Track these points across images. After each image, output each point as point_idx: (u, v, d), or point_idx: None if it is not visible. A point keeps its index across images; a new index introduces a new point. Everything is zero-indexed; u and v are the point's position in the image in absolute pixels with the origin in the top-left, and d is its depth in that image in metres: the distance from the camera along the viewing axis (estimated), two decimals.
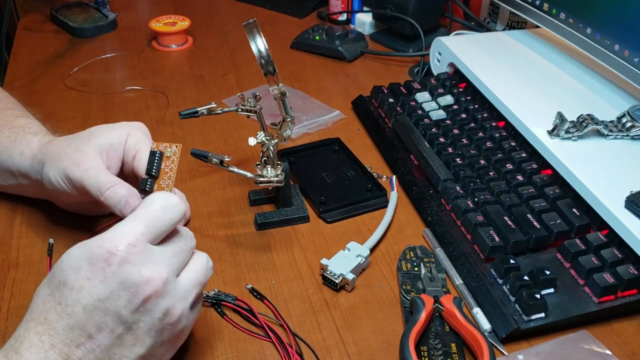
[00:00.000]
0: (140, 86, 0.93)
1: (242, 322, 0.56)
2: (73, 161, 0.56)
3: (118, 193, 0.54)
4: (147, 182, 0.54)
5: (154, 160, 0.55)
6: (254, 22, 0.56)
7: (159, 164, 0.55)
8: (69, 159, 0.56)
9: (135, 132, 0.59)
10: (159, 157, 0.55)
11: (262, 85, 0.92)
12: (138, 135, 0.59)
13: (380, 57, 1.04)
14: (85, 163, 0.56)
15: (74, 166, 0.56)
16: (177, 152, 0.56)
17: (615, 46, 0.73)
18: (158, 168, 0.55)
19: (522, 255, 0.61)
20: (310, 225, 0.68)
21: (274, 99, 0.59)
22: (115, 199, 0.54)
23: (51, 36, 1.08)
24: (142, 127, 0.60)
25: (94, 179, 0.55)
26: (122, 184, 0.55)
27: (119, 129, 0.59)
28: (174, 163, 0.55)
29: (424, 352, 0.53)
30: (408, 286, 0.59)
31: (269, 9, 1.20)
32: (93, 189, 0.55)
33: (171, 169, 0.55)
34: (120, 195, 0.54)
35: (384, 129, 0.81)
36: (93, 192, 0.55)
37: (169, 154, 0.55)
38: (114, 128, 0.59)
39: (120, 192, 0.54)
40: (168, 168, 0.55)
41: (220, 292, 0.58)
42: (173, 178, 0.55)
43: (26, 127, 0.64)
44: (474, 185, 0.68)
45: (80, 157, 0.56)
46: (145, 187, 0.54)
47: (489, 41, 0.90)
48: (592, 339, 0.54)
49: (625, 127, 0.68)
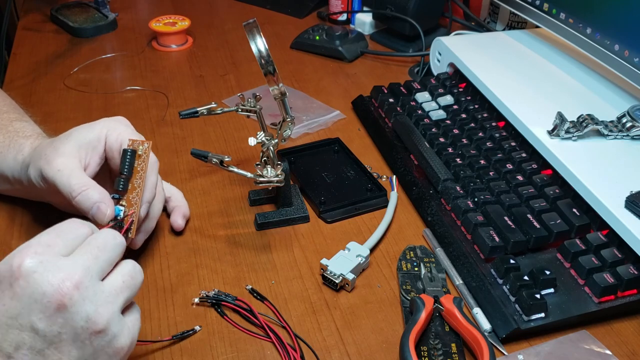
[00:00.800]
0: (140, 86, 0.93)
1: (242, 322, 0.56)
2: (47, 160, 0.55)
3: (90, 198, 0.53)
4: (120, 181, 0.54)
5: (125, 159, 0.55)
6: (254, 22, 0.56)
7: (131, 162, 0.55)
8: (46, 157, 0.55)
9: (116, 126, 0.58)
10: (130, 155, 0.55)
11: (262, 85, 0.92)
12: (119, 129, 0.58)
13: (380, 57, 1.04)
14: (58, 162, 0.54)
15: (48, 165, 0.55)
16: (148, 149, 0.55)
17: (615, 46, 0.73)
18: (130, 167, 0.54)
19: (522, 255, 0.61)
20: (310, 225, 0.68)
21: (274, 99, 0.59)
22: (87, 204, 0.53)
23: (51, 36, 1.08)
24: (122, 120, 0.59)
25: (66, 180, 0.54)
26: (94, 188, 0.54)
27: (98, 126, 0.58)
28: (145, 162, 0.55)
29: (424, 352, 0.53)
30: (408, 286, 0.59)
31: (269, 9, 1.20)
32: (65, 191, 0.54)
33: (142, 167, 0.55)
34: (92, 201, 0.53)
35: (384, 129, 0.81)
36: (65, 195, 0.54)
37: (140, 151, 0.55)
38: (93, 125, 0.58)
39: (93, 197, 0.53)
40: (139, 167, 0.55)
41: (220, 292, 0.58)
42: (144, 175, 0.55)
43: (20, 131, 0.63)
44: (474, 185, 0.68)
45: (55, 156, 0.55)
46: (119, 187, 0.54)
47: (489, 41, 0.90)
48: (592, 339, 0.54)
49: (625, 127, 0.68)
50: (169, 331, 0.55)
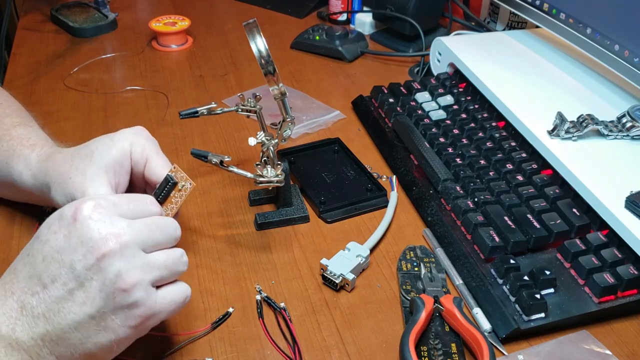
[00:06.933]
0: (140, 86, 0.93)
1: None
2: (79, 189, 0.54)
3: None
4: None
5: (165, 186, 0.54)
6: (254, 22, 0.56)
7: (168, 191, 0.54)
8: (74, 184, 0.54)
9: (138, 140, 0.57)
10: (170, 185, 0.54)
11: (262, 85, 0.92)
12: (142, 143, 0.57)
13: (380, 57, 1.04)
14: (92, 189, 0.53)
15: (81, 194, 0.53)
16: (189, 189, 0.54)
17: (615, 46, 0.73)
18: (166, 195, 0.54)
19: (522, 255, 0.61)
20: (310, 225, 0.68)
21: (274, 99, 0.59)
22: None
23: (51, 36, 1.08)
24: (142, 131, 0.58)
25: None
26: None
27: (120, 142, 0.56)
28: (181, 198, 0.54)
29: (424, 352, 0.53)
30: (408, 286, 0.59)
31: (269, 9, 1.20)
32: None
33: (177, 202, 0.54)
34: None
35: (384, 129, 0.81)
36: None
37: (180, 187, 0.54)
38: (115, 141, 0.56)
39: None
40: (175, 199, 0.54)
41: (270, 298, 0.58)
42: (175, 210, 0.54)
43: (23, 138, 0.61)
44: (474, 185, 0.68)
45: (87, 184, 0.54)
46: None
47: (489, 41, 0.90)
48: (592, 339, 0.54)
49: (625, 127, 0.68)
50: (169, 330, 0.55)
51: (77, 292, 0.43)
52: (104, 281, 0.43)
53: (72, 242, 0.44)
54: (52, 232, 0.44)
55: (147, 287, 0.45)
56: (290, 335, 0.55)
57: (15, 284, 0.44)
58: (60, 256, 0.44)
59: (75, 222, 0.44)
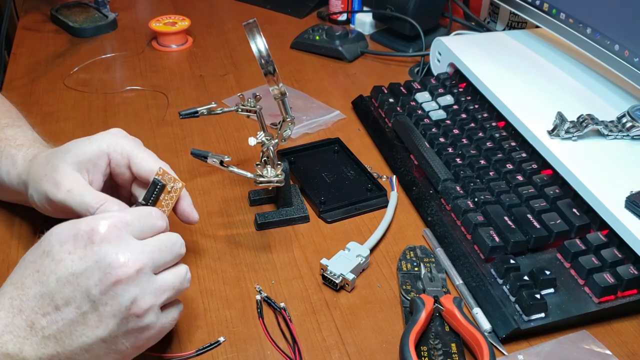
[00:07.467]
0: (140, 86, 0.93)
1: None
2: (52, 183, 0.54)
3: (110, 210, 0.53)
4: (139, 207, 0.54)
5: (153, 190, 0.54)
6: (254, 22, 0.56)
7: (157, 195, 0.54)
8: (48, 180, 0.54)
9: (116, 141, 0.56)
10: (159, 189, 0.54)
11: (262, 85, 0.92)
12: (120, 142, 0.56)
13: (380, 57, 1.04)
14: (65, 183, 0.53)
15: (54, 188, 0.53)
16: (178, 190, 0.54)
17: (615, 46, 0.73)
18: (155, 199, 0.54)
19: (522, 255, 0.61)
20: (310, 225, 0.68)
21: (274, 99, 0.59)
22: None
23: (51, 36, 1.08)
24: (119, 132, 0.58)
25: (79, 199, 0.53)
26: (111, 201, 0.53)
27: (96, 142, 0.56)
28: (172, 200, 0.54)
29: (424, 352, 0.53)
30: (408, 286, 0.59)
31: (269, 9, 1.20)
32: (80, 210, 0.53)
33: (168, 204, 0.54)
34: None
35: (384, 129, 0.81)
36: (81, 213, 0.53)
37: (170, 188, 0.54)
38: (91, 141, 0.56)
39: (113, 209, 0.53)
40: (165, 202, 0.54)
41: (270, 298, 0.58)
42: (167, 213, 0.54)
43: (11, 139, 0.61)
44: (474, 185, 0.68)
45: (60, 178, 0.54)
46: None
47: (489, 41, 0.90)
48: (592, 339, 0.54)
49: (625, 127, 0.68)
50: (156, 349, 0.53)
51: (90, 316, 0.44)
52: (119, 307, 0.44)
53: (88, 266, 0.43)
54: (65, 251, 0.44)
55: (157, 310, 0.47)
56: (290, 335, 0.55)
57: (24, 301, 0.43)
58: (76, 279, 0.43)
59: (92, 245, 0.44)
